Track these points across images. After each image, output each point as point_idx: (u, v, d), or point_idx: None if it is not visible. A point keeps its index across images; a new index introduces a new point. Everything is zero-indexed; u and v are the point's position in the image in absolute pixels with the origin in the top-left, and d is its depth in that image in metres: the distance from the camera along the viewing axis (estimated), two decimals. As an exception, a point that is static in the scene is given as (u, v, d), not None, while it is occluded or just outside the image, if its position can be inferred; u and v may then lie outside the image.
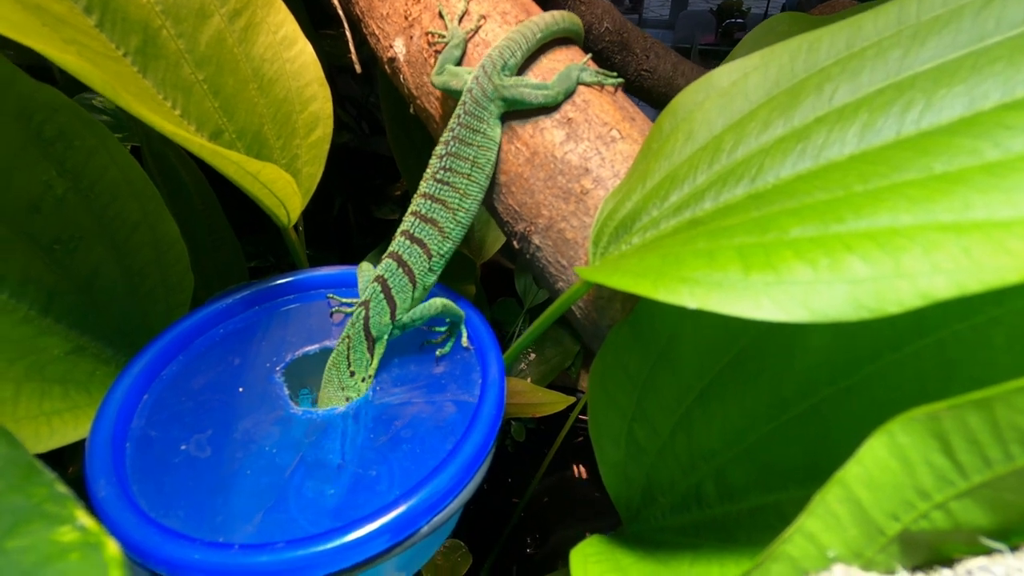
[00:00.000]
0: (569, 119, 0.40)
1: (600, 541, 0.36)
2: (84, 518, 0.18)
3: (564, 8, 0.79)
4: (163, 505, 0.31)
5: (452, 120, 0.40)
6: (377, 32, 0.50)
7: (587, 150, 0.39)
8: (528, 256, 0.42)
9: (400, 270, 0.40)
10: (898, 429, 0.19)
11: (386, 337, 0.40)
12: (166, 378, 0.39)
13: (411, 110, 0.50)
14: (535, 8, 0.47)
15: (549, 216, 0.39)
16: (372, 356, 0.39)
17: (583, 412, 1.10)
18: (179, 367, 0.40)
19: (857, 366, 0.29)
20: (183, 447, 0.35)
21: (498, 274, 1.30)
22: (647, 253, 0.29)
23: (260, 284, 0.45)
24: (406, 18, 0.47)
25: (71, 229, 0.41)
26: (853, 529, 0.20)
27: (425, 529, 0.31)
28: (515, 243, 0.42)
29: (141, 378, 0.38)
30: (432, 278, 0.41)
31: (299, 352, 0.41)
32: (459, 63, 0.43)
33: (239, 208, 0.66)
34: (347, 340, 0.38)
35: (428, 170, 0.41)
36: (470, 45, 0.43)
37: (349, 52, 0.58)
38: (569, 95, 0.41)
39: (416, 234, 0.40)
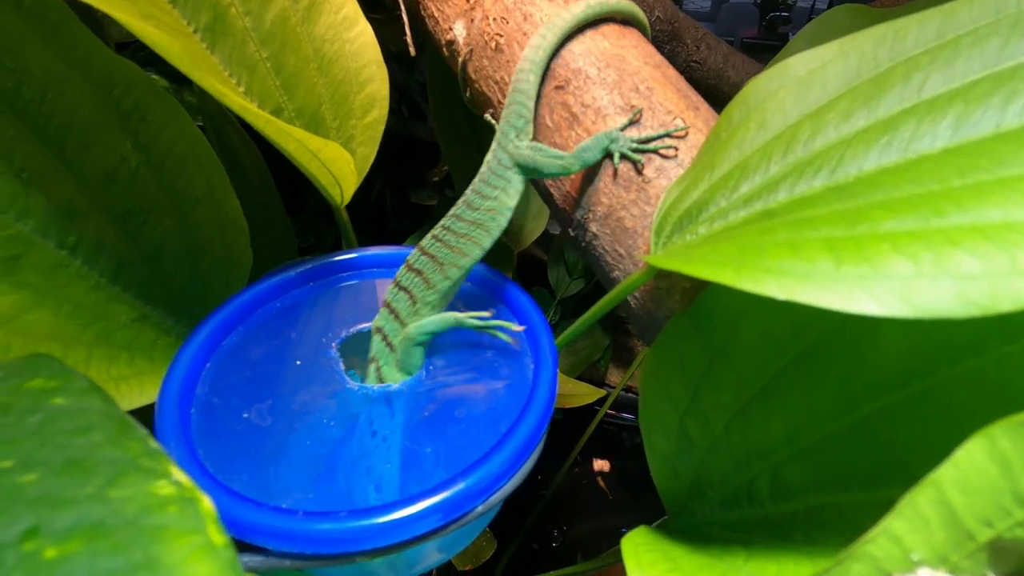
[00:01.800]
0: (632, 107, 0.39)
1: (648, 532, 0.36)
2: (178, 474, 0.19)
3: None
4: (226, 469, 0.33)
5: (471, 185, 0.41)
6: (436, 14, 0.50)
7: (650, 139, 0.38)
8: (583, 244, 0.41)
9: (392, 316, 0.40)
10: (1000, 433, 0.18)
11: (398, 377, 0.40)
12: (227, 348, 0.40)
13: (467, 94, 0.50)
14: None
15: (608, 204, 0.39)
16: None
17: (612, 407, 1.10)
18: (239, 338, 0.41)
19: (934, 369, 0.28)
20: (245, 415, 0.36)
21: (531, 264, 1.30)
22: (719, 242, 0.29)
23: (316, 260, 0.46)
24: (467, 0, 0.47)
25: (142, 201, 0.43)
26: (941, 533, 0.19)
27: (480, 508, 0.31)
28: (570, 231, 0.42)
29: (204, 347, 0.39)
30: (415, 319, 0.41)
31: (353, 329, 0.42)
32: None
33: (281, 188, 0.68)
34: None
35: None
36: (518, 35, 0.43)
37: (404, 35, 0.58)
38: (588, 165, 0.39)
39: (403, 283, 0.40)
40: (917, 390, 0.27)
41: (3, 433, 0.20)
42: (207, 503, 0.18)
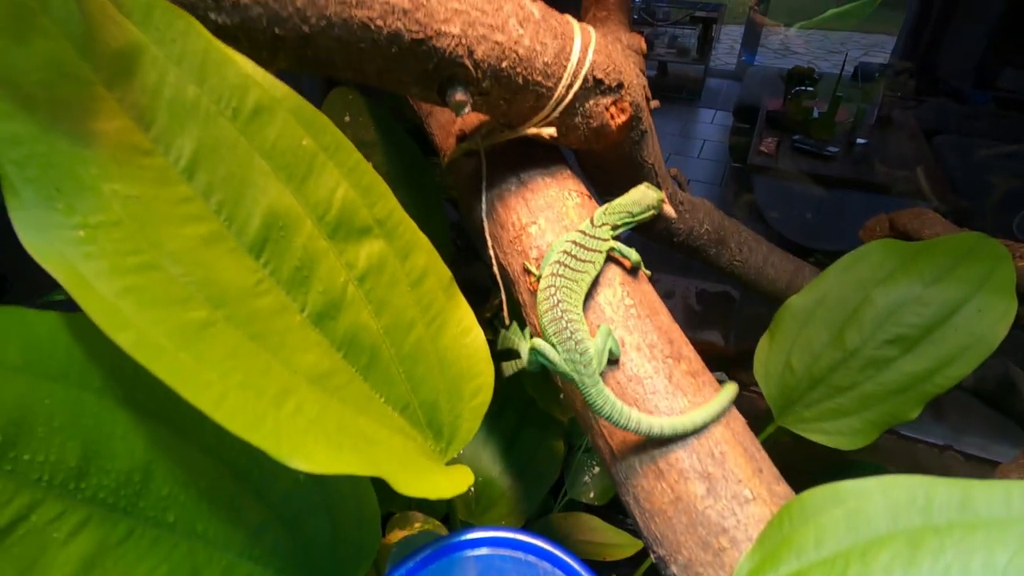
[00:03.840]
0: (709, 474, 0.49)
1: None
2: None
3: (671, 218, 0.87)
4: None
5: None
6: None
7: (724, 509, 0.48)
8: (664, 573, 0.51)
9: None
10: None
11: None
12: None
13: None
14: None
15: (688, 557, 0.49)
16: None
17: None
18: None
19: None
20: None
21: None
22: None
23: (436, 544, 0.56)
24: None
25: (349, 509, 0.53)
26: None
27: None
28: (652, 556, 0.52)
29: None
30: None
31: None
32: None
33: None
34: None
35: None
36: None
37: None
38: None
39: None
40: None
41: None
42: None
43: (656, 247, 0.96)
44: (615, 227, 0.60)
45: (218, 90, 0.39)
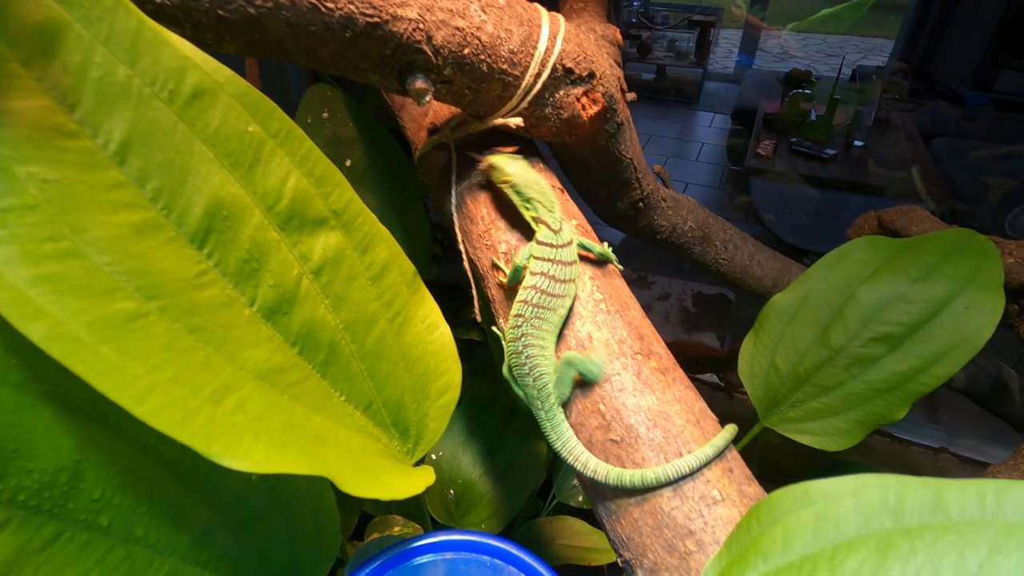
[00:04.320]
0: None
1: None
2: None
3: (653, 215, 0.86)
4: None
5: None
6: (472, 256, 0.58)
7: (691, 510, 0.46)
8: (630, 578, 0.49)
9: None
10: None
11: None
12: (326, 653, 0.48)
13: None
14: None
15: (654, 561, 0.46)
16: None
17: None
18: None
19: None
20: None
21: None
22: None
23: (393, 549, 0.54)
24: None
25: (259, 508, 0.51)
26: None
27: None
28: (619, 560, 0.49)
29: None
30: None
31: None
32: None
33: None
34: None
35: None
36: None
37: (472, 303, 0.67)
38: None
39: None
40: None
41: None
42: None
43: (653, 251, 0.94)
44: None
45: (152, 72, 0.37)
